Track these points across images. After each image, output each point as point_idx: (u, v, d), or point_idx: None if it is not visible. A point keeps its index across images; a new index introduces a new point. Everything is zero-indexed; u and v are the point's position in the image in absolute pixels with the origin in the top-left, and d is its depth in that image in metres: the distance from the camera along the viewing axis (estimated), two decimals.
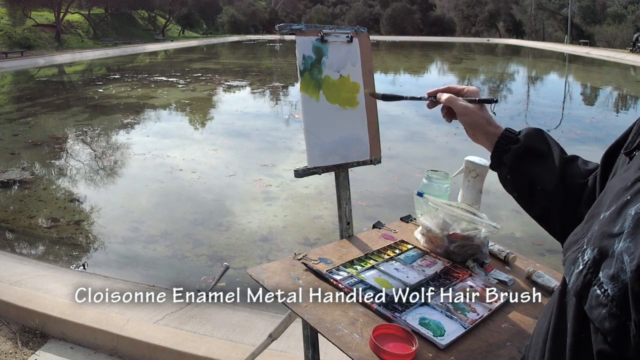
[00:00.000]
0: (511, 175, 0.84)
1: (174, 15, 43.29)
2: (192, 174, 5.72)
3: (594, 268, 0.49)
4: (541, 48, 37.70)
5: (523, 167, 0.82)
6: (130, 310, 2.60)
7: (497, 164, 0.87)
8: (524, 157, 0.82)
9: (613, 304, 0.45)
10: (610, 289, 0.46)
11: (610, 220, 0.49)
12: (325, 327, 1.01)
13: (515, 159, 0.83)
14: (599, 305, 0.47)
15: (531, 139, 0.84)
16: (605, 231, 0.49)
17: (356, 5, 55.99)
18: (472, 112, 0.90)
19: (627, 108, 13.00)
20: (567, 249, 0.56)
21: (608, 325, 0.45)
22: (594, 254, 0.49)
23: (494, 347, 1.00)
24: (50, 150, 6.89)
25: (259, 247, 3.93)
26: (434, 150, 7.26)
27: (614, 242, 0.47)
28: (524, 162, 0.82)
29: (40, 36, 27.86)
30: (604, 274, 0.47)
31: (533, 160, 0.82)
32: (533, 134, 0.85)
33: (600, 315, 0.46)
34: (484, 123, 0.89)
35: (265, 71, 19.57)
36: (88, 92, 12.76)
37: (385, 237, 1.49)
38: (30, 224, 4.33)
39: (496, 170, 0.88)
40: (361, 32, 1.55)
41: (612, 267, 0.46)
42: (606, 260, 0.47)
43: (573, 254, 0.54)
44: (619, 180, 0.55)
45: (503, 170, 0.85)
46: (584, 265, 0.50)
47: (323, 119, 1.44)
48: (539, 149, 0.82)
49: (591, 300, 0.48)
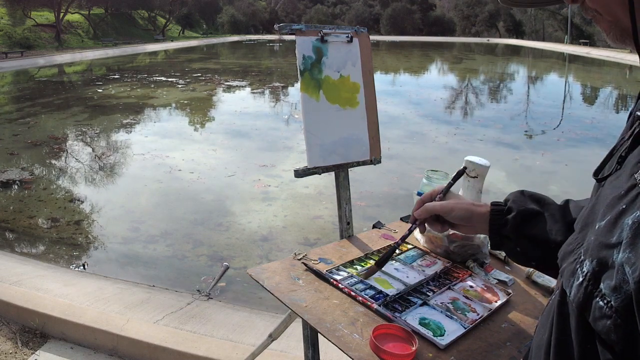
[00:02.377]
0: (520, 246, 0.81)
1: (174, 15, 43.32)
2: (191, 174, 5.72)
3: (594, 280, 0.48)
4: (541, 48, 37.73)
5: (526, 233, 0.80)
6: (130, 310, 2.60)
7: (499, 241, 0.85)
8: (522, 223, 0.81)
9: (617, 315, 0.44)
10: (613, 300, 0.45)
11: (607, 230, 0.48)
12: (325, 327, 1.01)
13: (516, 228, 0.81)
14: (603, 317, 0.46)
15: (519, 203, 0.83)
16: (602, 242, 0.48)
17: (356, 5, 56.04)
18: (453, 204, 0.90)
19: (627, 108, 13.00)
20: (563, 259, 0.56)
21: (614, 336, 0.45)
22: (593, 265, 0.48)
23: (494, 347, 1.00)
24: (50, 150, 6.89)
25: (259, 247, 3.93)
26: (433, 150, 7.26)
27: (612, 252, 0.46)
28: (526, 228, 0.81)
29: (40, 36, 27.88)
30: (605, 285, 0.46)
31: (533, 223, 0.80)
32: (518, 198, 0.84)
33: (606, 326, 0.46)
34: (471, 207, 0.89)
35: (265, 71, 19.58)
36: (88, 92, 12.77)
37: (385, 237, 1.49)
38: (30, 224, 4.33)
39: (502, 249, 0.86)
40: (361, 32, 1.55)
41: (613, 279, 0.45)
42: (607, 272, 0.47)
43: (571, 265, 0.53)
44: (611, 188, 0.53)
45: (509, 244, 0.83)
46: (583, 277, 0.49)
47: (323, 119, 1.44)
48: (533, 209, 0.81)
49: (594, 312, 0.47)
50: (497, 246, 0.86)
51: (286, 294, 1.12)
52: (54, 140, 7.45)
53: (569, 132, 8.85)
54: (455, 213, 0.89)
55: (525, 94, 14.47)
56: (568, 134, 8.60)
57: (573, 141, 8.07)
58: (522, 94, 14.26)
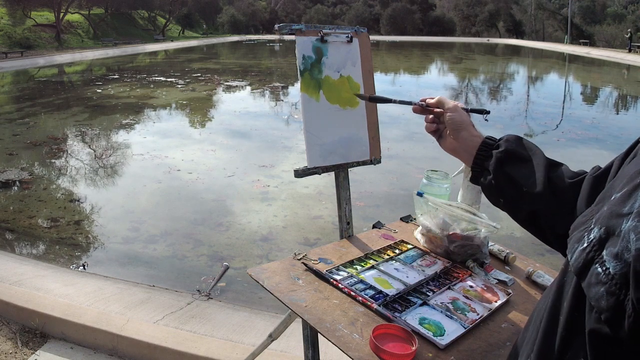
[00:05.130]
0: (496, 180, 0.82)
1: (174, 15, 43.31)
2: (191, 174, 5.72)
3: (599, 246, 0.48)
4: (541, 48, 37.72)
5: (507, 170, 0.81)
6: (130, 310, 2.60)
7: (480, 172, 0.86)
8: (506, 160, 0.81)
9: (612, 282, 0.45)
10: (612, 267, 0.46)
11: (621, 200, 0.49)
12: (325, 327, 1.01)
13: (498, 163, 0.82)
14: (597, 283, 0.47)
15: (512, 144, 0.83)
16: (614, 211, 0.49)
17: (356, 5, 56.02)
18: (461, 110, 0.91)
19: (627, 108, 13.00)
20: (575, 228, 0.56)
21: (604, 303, 0.45)
22: (601, 232, 0.49)
23: (494, 347, 1.00)
24: (49, 151, 6.89)
25: (259, 247, 3.93)
26: (433, 150, 7.24)
27: (622, 221, 0.47)
28: (508, 166, 0.81)
29: (40, 36, 27.87)
30: (608, 252, 0.47)
31: (516, 164, 0.81)
32: (513, 139, 0.84)
33: (598, 293, 0.46)
34: (469, 123, 0.90)
35: (265, 71, 19.57)
36: (87, 92, 12.76)
37: (385, 237, 1.49)
38: (30, 224, 4.33)
39: (479, 180, 0.86)
40: (361, 32, 1.55)
41: (616, 246, 0.46)
42: (612, 239, 0.47)
43: (579, 232, 0.53)
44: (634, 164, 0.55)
45: (487, 176, 0.84)
46: (588, 243, 0.50)
47: (323, 119, 1.44)
48: (521, 153, 0.82)
49: (590, 278, 0.48)
50: (476, 176, 0.87)
51: (286, 294, 1.12)
52: (53, 140, 7.45)
53: (569, 132, 8.84)
54: (456, 115, 0.90)
55: (525, 94, 14.47)
56: (568, 134, 8.60)
57: (573, 141, 8.07)
58: (522, 94, 14.26)
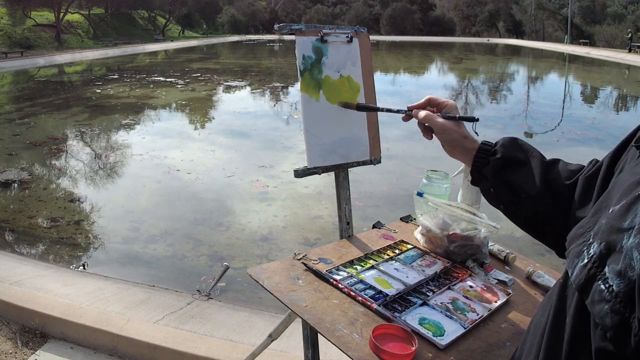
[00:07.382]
0: (494, 187, 0.83)
1: (174, 15, 43.30)
2: (190, 174, 5.72)
3: (600, 262, 0.47)
4: (541, 48, 37.72)
5: (504, 177, 0.82)
6: (130, 310, 2.60)
7: (478, 179, 0.87)
8: (504, 167, 0.82)
9: (617, 300, 0.44)
10: (615, 284, 0.45)
11: (620, 214, 0.48)
12: (325, 327, 1.01)
13: (496, 170, 0.83)
14: (601, 301, 0.46)
15: (508, 148, 0.84)
16: (613, 225, 0.48)
17: (356, 5, 56.02)
18: (450, 129, 0.90)
19: (627, 108, 13.00)
20: (572, 241, 0.55)
21: (609, 321, 0.45)
22: (601, 248, 0.48)
23: (494, 347, 1.00)
24: (49, 151, 6.88)
25: (259, 247, 3.93)
26: (433, 150, 7.24)
27: (622, 237, 0.46)
28: (505, 173, 0.82)
29: (40, 36, 27.87)
30: (610, 269, 0.46)
31: (513, 169, 0.81)
32: (509, 143, 0.85)
33: (602, 311, 0.45)
34: (461, 139, 0.90)
35: (265, 71, 19.57)
36: (87, 92, 12.76)
37: (385, 237, 1.49)
38: (30, 224, 4.33)
39: (479, 185, 0.88)
40: (361, 32, 1.55)
41: (619, 263, 0.45)
42: (613, 255, 0.46)
43: (578, 247, 0.52)
44: (629, 174, 0.53)
45: (486, 184, 0.85)
46: (589, 259, 0.49)
47: (323, 119, 1.44)
48: (517, 157, 0.82)
49: (594, 295, 0.47)
50: (476, 182, 0.88)
51: (286, 294, 1.12)
52: (53, 140, 7.45)
53: (569, 132, 8.84)
54: (445, 136, 0.91)
55: (525, 93, 14.47)
56: (568, 134, 8.60)
57: (573, 141, 8.07)
58: (522, 94, 14.26)
